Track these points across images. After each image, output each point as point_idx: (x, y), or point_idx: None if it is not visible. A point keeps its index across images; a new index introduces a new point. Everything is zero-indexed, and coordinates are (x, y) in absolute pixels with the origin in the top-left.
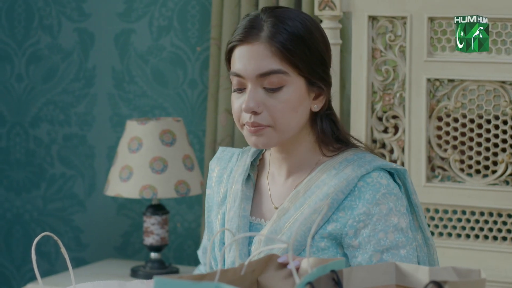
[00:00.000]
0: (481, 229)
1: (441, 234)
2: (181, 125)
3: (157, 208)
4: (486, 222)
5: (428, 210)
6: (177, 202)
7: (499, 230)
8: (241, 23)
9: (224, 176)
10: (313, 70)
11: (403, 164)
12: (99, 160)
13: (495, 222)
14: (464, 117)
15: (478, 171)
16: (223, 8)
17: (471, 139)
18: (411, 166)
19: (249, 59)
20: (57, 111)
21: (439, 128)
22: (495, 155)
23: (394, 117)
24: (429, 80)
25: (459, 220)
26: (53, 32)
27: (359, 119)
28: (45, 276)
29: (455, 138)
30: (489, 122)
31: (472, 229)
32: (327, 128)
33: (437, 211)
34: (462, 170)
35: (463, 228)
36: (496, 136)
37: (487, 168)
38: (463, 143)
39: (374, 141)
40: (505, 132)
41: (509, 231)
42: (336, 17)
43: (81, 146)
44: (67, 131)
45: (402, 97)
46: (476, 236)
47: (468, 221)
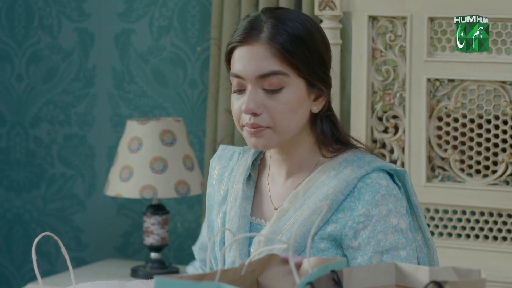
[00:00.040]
0: (481, 229)
1: (441, 234)
2: (181, 125)
3: (157, 208)
4: (486, 222)
5: (428, 210)
6: (177, 202)
7: (499, 230)
8: (241, 24)
9: (225, 175)
10: (313, 71)
11: (403, 164)
12: (99, 160)
13: (495, 222)
14: (464, 117)
15: (478, 171)
16: (223, 8)
17: (471, 139)
18: (411, 166)
19: (249, 60)
20: (57, 111)
21: (439, 128)
22: (495, 155)
23: (394, 117)
24: (429, 80)
25: (459, 220)
26: (53, 32)
27: (359, 119)
28: (45, 276)
29: (455, 138)
30: (489, 122)
31: (472, 229)
32: (327, 129)
33: (437, 211)
34: (462, 170)
35: (463, 228)
36: (496, 136)
37: (487, 168)
38: (463, 143)
39: (374, 141)
40: (505, 132)
41: (509, 231)
42: (336, 17)
43: (81, 146)
44: (67, 131)
45: (402, 97)
46: (476, 236)
47: (468, 221)
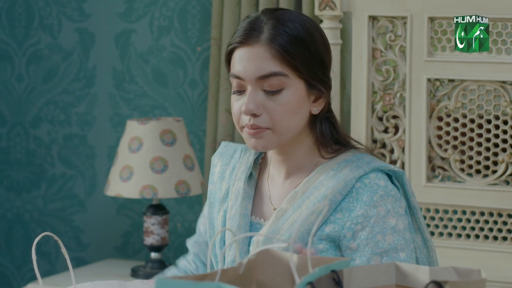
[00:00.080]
0: (481, 229)
1: (441, 234)
2: (181, 125)
3: (158, 208)
4: (486, 222)
5: (428, 210)
6: (178, 202)
7: (499, 230)
8: (241, 25)
9: (227, 173)
10: (313, 73)
11: (403, 164)
12: (100, 160)
13: (495, 222)
14: (465, 117)
15: (478, 171)
16: (223, 8)
17: (471, 139)
18: (411, 166)
19: (249, 61)
20: (58, 111)
21: (440, 128)
22: (495, 155)
23: (395, 117)
24: (429, 80)
25: (459, 220)
26: (53, 32)
27: (359, 119)
28: (45, 276)
29: (455, 138)
30: (489, 122)
31: (472, 229)
32: (326, 130)
33: (437, 211)
34: (462, 170)
35: (463, 228)
36: (497, 136)
37: (487, 168)
38: (463, 143)
39: (375, 141)
40: (505, 132)
41: (509, 231)
42: (336, 17)
43: (81, 146)
44: (68, 131)
45: (403, 97)
46: (476, 236)
47: (468, 221)
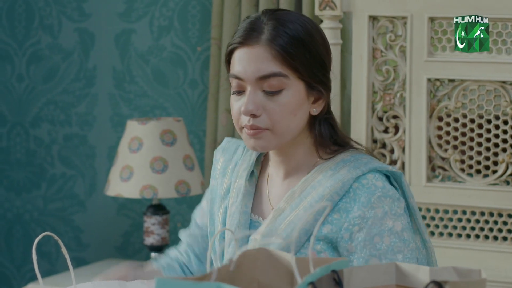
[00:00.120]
0: (481, 229)
1: (441, 234)
2: (181, 125)
3: (158, 208)
4: (486, 222)
5: (428, 210)
6: (178, 202)
7: (499, 230)
8: (241, 25)
9: (229, 169)
10: (313, 74)
11: (403, 164)
12: (100, 160)
13: (495, 222)
14: (465, 117)
15: (478, 171)
16: (223, 8)
17: (471, 139)
18: (411, 166)
19: (249, 61)
20: (58, 111)
21: (440, 128)
22: (495, 155)
23: (395, 117)
24: (429, 80)
25: (459, 220)
26: (53, 32)
27: (359, 119)
28: (45, 276)
29: (455, 138)
30: (489, 122)
31: (473, 229)
32: (325, 132)
33: (437, 211)
34: (462, 170)
35: (464, 228)
36: (497, 136)
37: (487, 168)
38: (463, 143)
39: (375, 141)
40: (505, 132)
41: (509, 231)
42: (336, 17)
43: (81, 146)
44: (68, 131)
45: (403, 97)
46: (477, 236)
47: (468, 221)
